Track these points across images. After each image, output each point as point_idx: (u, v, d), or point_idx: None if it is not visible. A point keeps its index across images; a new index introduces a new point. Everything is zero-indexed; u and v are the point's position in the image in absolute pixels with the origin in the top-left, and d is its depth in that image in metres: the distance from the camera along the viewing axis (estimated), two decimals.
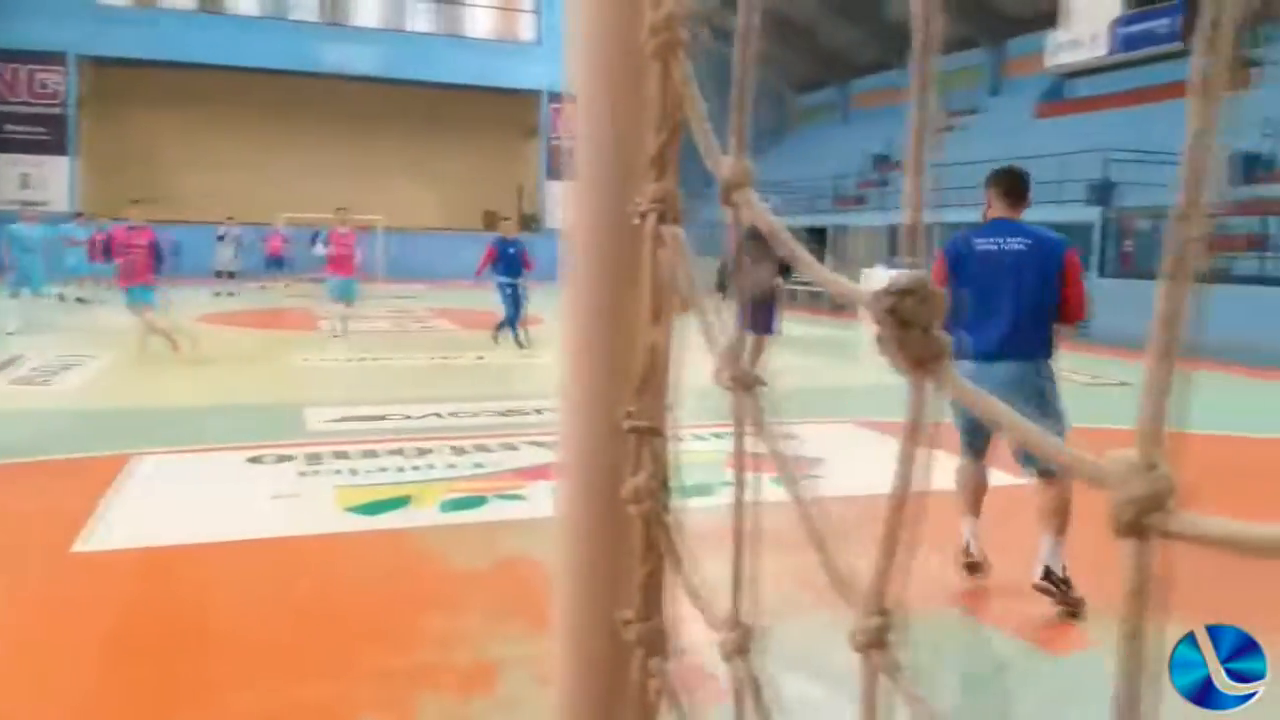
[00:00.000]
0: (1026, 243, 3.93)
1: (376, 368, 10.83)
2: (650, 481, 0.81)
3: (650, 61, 0.80)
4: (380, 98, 33.01)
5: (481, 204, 35.86)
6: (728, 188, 0.69)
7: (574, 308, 0.88)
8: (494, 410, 7.99)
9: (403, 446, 6.47)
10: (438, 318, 17.59)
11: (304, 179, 32.44)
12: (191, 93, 31.85)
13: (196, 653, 3.43)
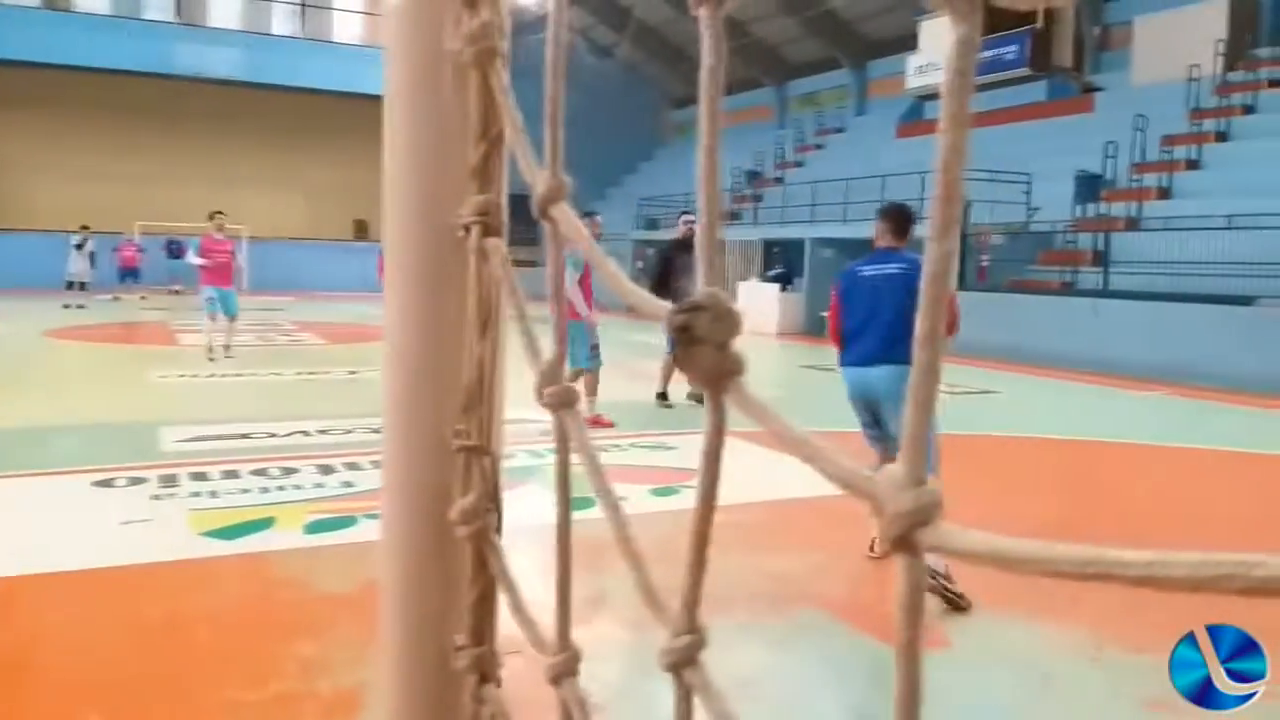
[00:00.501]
0: (902, 267, 4.49)
1: (239, 384, 10.37)
2: (479, 502, 0.79)
3: (468, 71, 0.79)
4: (241, 102, 31.70)
5: (352, 213, 34.92)
6: (543, 202, 0.68)
7: (395, 322, 0.86)
8: (367, 427, 7.77)
9: (266, 466, 6.21)
10: (305, 331, 17.01)
11: (159, 186, 30.87)
12: (35, 94, 29.82)
13: (28, 692, 3.19)
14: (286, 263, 29.62)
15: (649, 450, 7.21)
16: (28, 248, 25.01)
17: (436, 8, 0.79)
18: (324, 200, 33.98)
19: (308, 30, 31.98)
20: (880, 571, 4.71)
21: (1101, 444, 8.40)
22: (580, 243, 0.66)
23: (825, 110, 28.20)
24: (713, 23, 0.50)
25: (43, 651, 3.52)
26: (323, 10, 32.32)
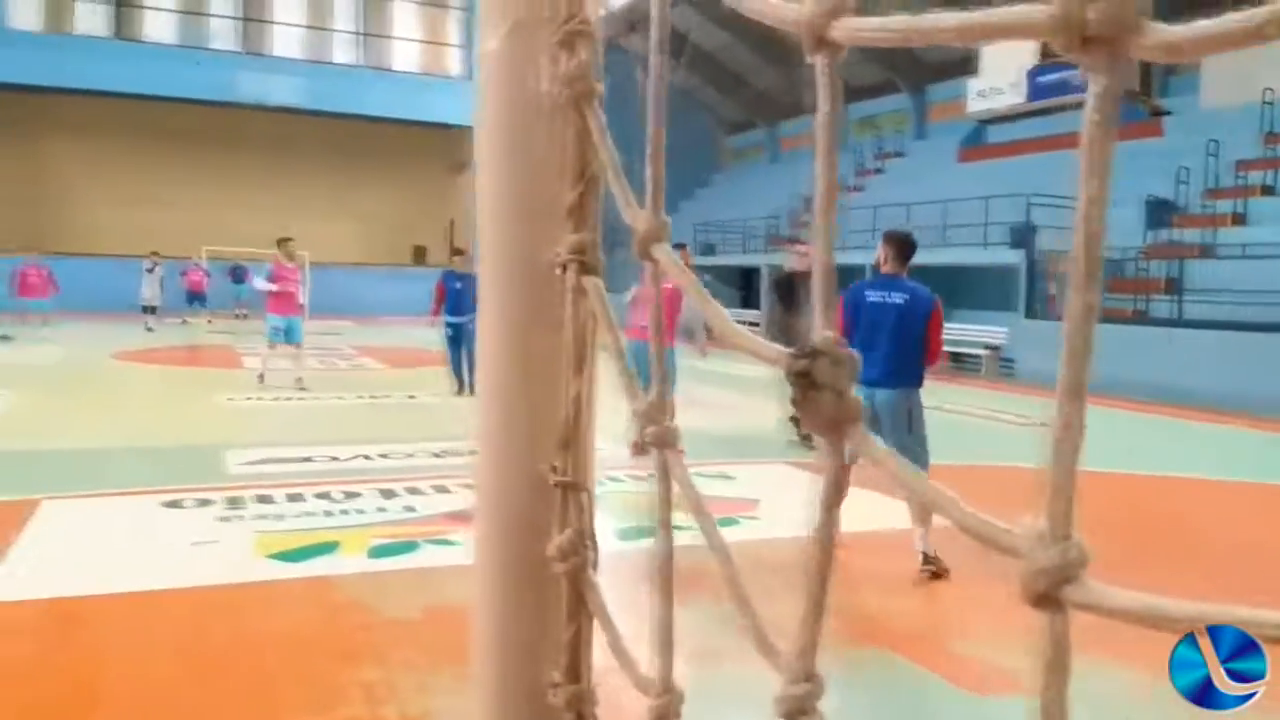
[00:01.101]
0: (905, 297, 4.87)
1: (302, 407, 10.58)
2: (576, 538, 0.80)
3: (564, 111, 0.80)
4: (302, 129, 32.54)
5: (411, 239, 35.58)
6: (645, 242, 0.69)
7: (490, 357, 0.87)
8: (426, 451, 7.87)
9: (329, 489, 6.32)
10: (365, 355, 17.31)
11: (223, 212, 31.78)
12: (105, 122, 31.00)
13: (104, 712, 3.27)
14: (346, 288, 30.23)
15: (710, 480, 7.16)
16: (96, 272, 25.85)
17: (531, 50, 0.81)
18: (382, 226, 34.66)
19: (367, 59, 32.77)
20: (940, 606, 4.62)
21: (1173, 479, 8.15)
22: (684, 282, 0.67)
23: (884, 134, 28.04)
24: (829, 69, 0.51)
25: (114, 671, 3.61)
26: (382, 39, 33.10)
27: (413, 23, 33.58)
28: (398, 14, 33.21)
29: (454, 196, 36.08)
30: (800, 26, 0.49)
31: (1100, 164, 0.38)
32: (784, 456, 7.79)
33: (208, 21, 30.96)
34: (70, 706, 3.32)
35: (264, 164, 32.88)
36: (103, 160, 31.64)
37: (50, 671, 3.56)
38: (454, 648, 3.80)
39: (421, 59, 33.76)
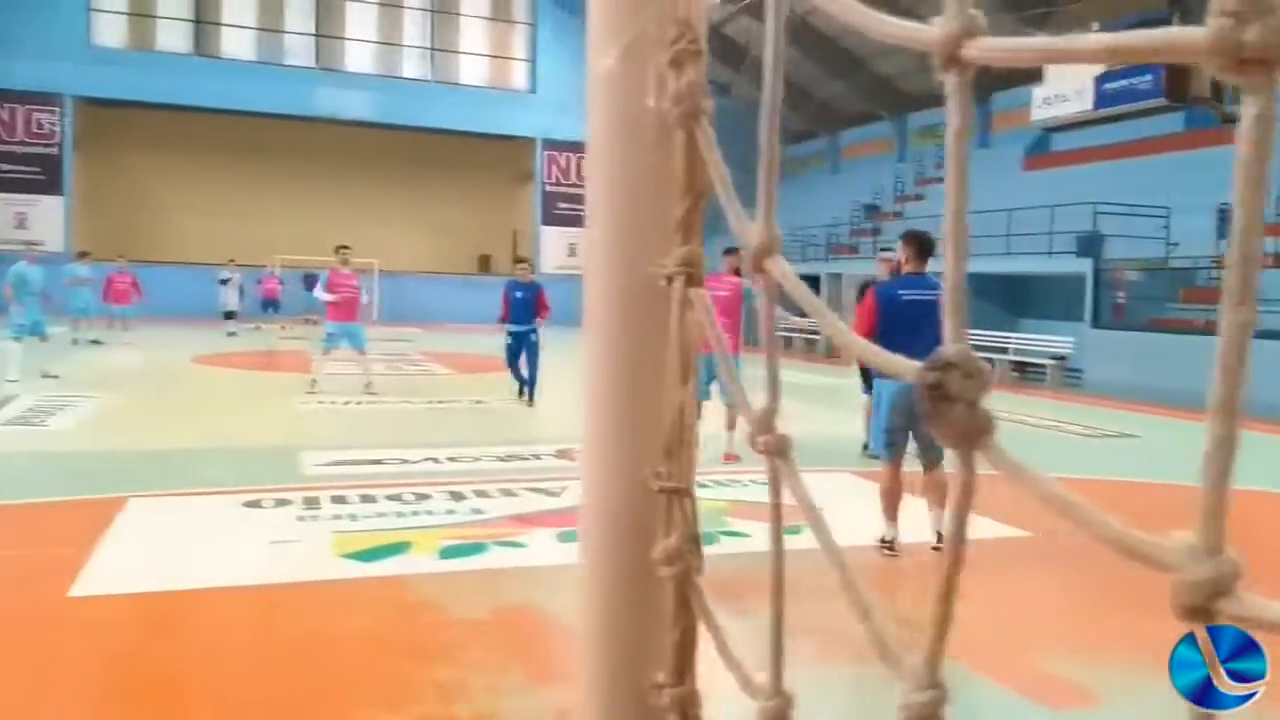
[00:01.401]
0: (936, 294, 5.13)
1: (372, 411, 10.80)
2: (682, 543, 0.82)
3: (673, 128, 0.82)
4: (373, 142, 33.36)
5: (477, 248, 36.12)
6: (758, 255, 0.71)
7: (596, 367, 0.90)
8: (492, 455, 7.98)
9: (400, 491, 6.44)
10: (433, 361, 17.59)
11: (298, 222, 32.68)
12: (186, 135, 32.14)
13: (190, 703, 3.38)
14: (415, 295, 30.82)
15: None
16: (177, 279, 26.74)
17: (641, 71, 0.83)
18: (449, 235, 35.27)
19: (436, 74, 33.38)
20: (1014, 620, 4.53)
21: (1253, 493, 7.87)
22: (798, 294, 0.68)
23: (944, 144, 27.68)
24: (960, 86, 0.52)
25: (200, 665, 3.73)
26: (450, 54, 33.69)
27: (480, 38, 34.12)
28: (465, 29, 33.78)
29: (518, 207, 36.55)
30: (933, 46, 0.50)
31: (1254, 185, 0.38)
32: (847, 465, 7.73)
33: (284, 38, 31.87)
34: (158, 697, 3.44)
35: (337, 176, 33.76)
36: (184, 172, 32.79)
37: (139, 663, 3.70)
38: (522, 649, 3.87)
39: (488, 73, 34.28)
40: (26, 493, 6.25)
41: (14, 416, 9.36)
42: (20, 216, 28.55)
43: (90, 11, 29.65)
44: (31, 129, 28.93)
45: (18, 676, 3.53)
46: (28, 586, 4.45)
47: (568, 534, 5.63)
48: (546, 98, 34.02)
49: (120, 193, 31.91)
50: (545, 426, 10.10)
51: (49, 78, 28.38)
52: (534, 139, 33.97)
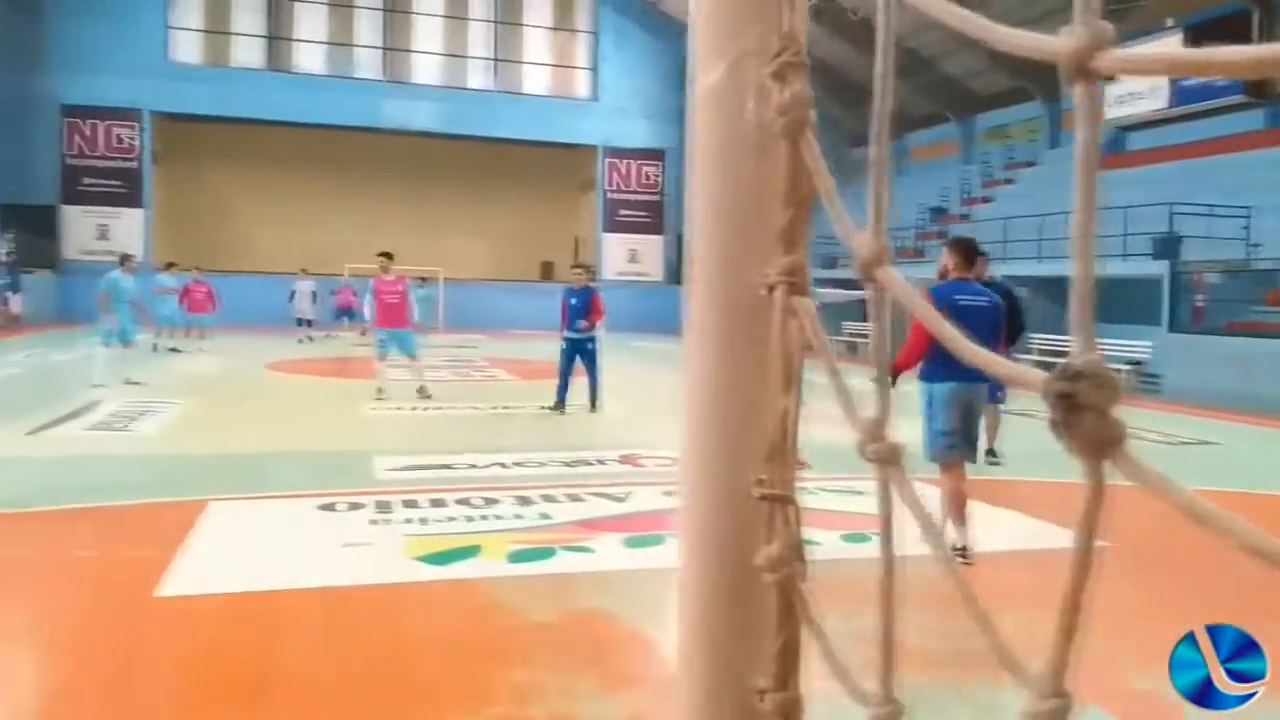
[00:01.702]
0: (989, 299, 5.71)
1: (440, 417, 10.97)
2: (786, 550, 0.83)
3: (776, 139, 0.83)
4: (439, 152, 33.95)
5: (539, 255, 36.47)
6: (869, 265, 0.71)
7: (696, 374, 0.91)
8: (558, 461, 8.05)
9: (469, 496, 6.54)
10: (497, 367, 17.80)
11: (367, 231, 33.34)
12: (259, 148, 33.12)
13: (274, 702, 3.48)
14: (479, 303, 31.25)
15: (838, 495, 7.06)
16: (251, 288, 27.48)
17: (742, 85, 0.85)
18: (513, 243, 35.68)
19: (500, 83, 33.83)
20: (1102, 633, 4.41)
21: None
22: (910, 302, 0.69)
23: (1015, 143, 27.08)
24: (1089, 97, 0.52)
25: (278, 665, 3.83)
26: (514, 64, 34.12)
27: (542, 47, 34.49)
28: (528, 39, 34.20)
29: (580, 214, 36.81)
30: (1061, 58, 0.50)
31: None
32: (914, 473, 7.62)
33: (353, 52, 32.64)
34: (241, 695, 3.54)
35: (404, 185, 34.46)
36: (258, 183, 33.79)
37: (225, 662, 3.82)
38: (594, 653, 3.89)
39: (551, 82, 34.64)
40: (113, 496, 6.49)
41: (99, 421, 9.72)
42: (102, 228, 29.67)
43: (169, 29, 30.72)
44: (113, 144, 30.05)
45: (111, 673, 3.67)
46: (117, 587, 4.62)
47: (634, 539, 5.66)
48: (608, 105, 34.24)
49: (197, 204, 32.99)
50: (610, 432, 10.15)
51: (130, 94, 29.48)
52: (596, 146, 34.21)
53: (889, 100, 0.69)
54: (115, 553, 5.19)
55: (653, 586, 5.04)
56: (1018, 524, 6.11)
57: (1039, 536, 5.77)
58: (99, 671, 3.68)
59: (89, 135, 29.84)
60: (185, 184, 32.70)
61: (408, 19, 33.05)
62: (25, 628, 4.22)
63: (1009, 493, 7.04)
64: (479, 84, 33.71)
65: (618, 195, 34.67)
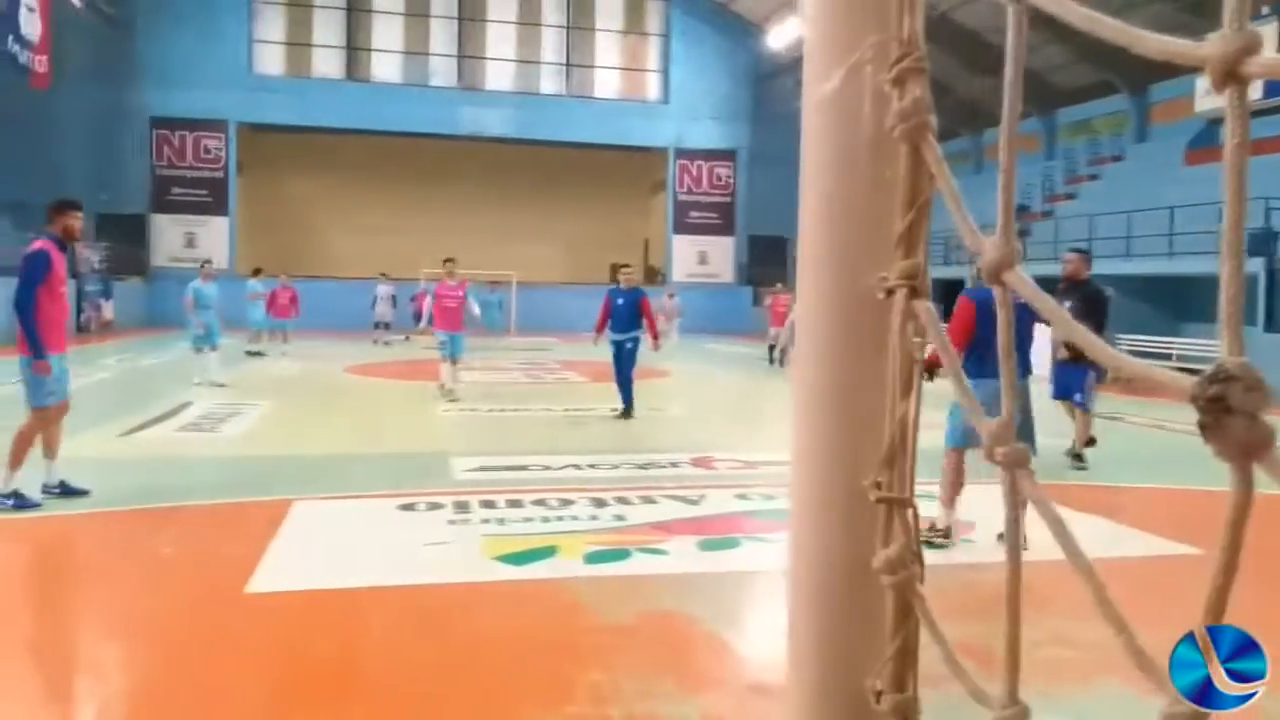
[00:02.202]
0: (1020, 299, 6.24)
1: (514, 419, 11.12)
2: (904, 552, 0.83)
3: (894, 144, 0.84)
4: (512, 157, 34.43)
5: (609, 257, 36.65)
6: (996, 268, 0.71)
7: (808, 378, 0.92)
8: (631, 463, 8.09)
9: (545, 497, 6.62)
10: (568, 369, 17.96)
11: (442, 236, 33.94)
12: (338, 156, 34.00)
13: (360, 696, 3.57)
14: (550, 306, 31.56)
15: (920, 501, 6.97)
16: (330, 293, 28.23)
17: (858, 90, 0.86)
18: (583, 246, 35.98)
19: (571, 88, 34.15)
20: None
21: None
22: (1040, 304, 0.69)
23: (1100, 138, 26.33)
24: (1239, 102, 0.52)
25: (363, 660, 3.94)
26: (585, 69, 34.40)
27: (613, 51, 34.72)
28: (599, 43, 34.45)
29: (650, 216, 36.93)
30: (1210, 63, 0.50)
31: None
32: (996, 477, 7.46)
33: (428, 60, 33.30)
34: (328, 688, 3.65)
35: (478, 191, 35.04)
36: (336, 191, 34.71)
37: (312, 657, 3.94)
38: (671, 655, 3.91)
39: (621, 85, 34.84)
40: (203, 495, 6.73)
41: (188, 423, 10.09)
42: (190, 236, 30.80)
43: (252, 43, 31.74)
44: (200, 154, 31.18)
45: (207, 665, 3.81)
46: (210, 582, 4.79)
47: (709, 542, 5.66)
48: (679, 107, 34.29)
49: (278, 212, 34.03)
50: (682, 434, 10.16)
51: (215, 105, 30.56)
52: (666, 148, 34.30)
53: (1018, 107, 0.70)
54: (207, 550, 5.38)
55: (728, 590, 5.05)
56: (1106, 530, 5.95)
57: (1124, 542, 5.62)
58: (196, 662, 3.82)
59: (177, 146, 31.01)
60: (267, 192, 33.77)
61: (481, 27, 33.60)
62: (125, 621, 4.40)
63: (1095, 498, 6.85)
64: (551, 89, 34.09)
65: (688, 197, 34.70)
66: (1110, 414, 12.02)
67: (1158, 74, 24.20)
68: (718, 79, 34.14)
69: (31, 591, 5.09)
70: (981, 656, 0.86)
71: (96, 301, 25.81)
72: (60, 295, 6.18)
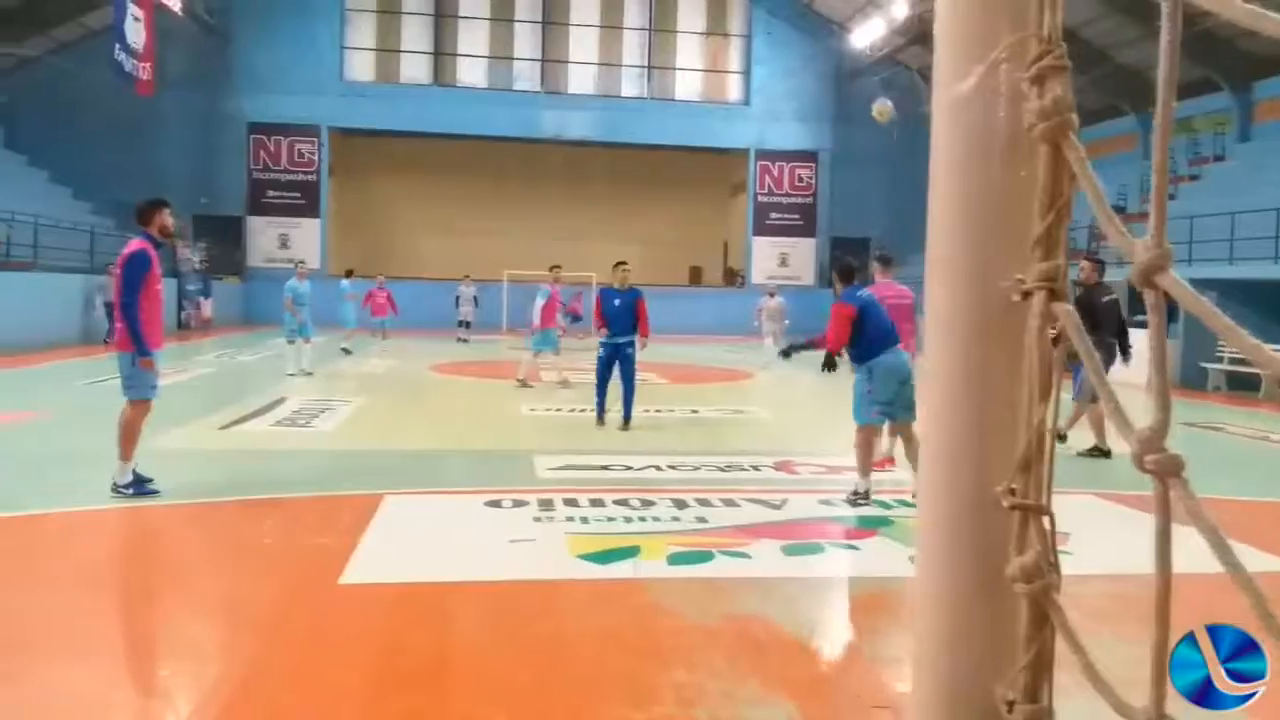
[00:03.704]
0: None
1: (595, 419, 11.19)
2: (1040, 560, 0.81)
3: (1031, 144, 0.82)
4: (593, 160, 34.71)
5: (688, 259, 36.68)
6: (1147, 270, 0.69)
7: (939, 381, 0.90)
8: (712, 465, 8.08)
9: (627, 497, 6.65)
10: (648, 370, 17.97)
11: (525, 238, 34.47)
12: (425, 159, 34.76)
13: (452, 688, 3.65)
14: None
15: None
16: (417, 293, 28.84)
17: (994, 90, 0.84)
18: (662, 247, 36.04)
19: (653, 90, 34.25)
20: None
21: None
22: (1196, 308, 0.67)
23: (1200, 137, 25.24)
24: None
25: (456, 653, 4.01)
26: (667, 71, 34.47)
27: (694, 53, 34.71)
28: (681, 45, 34.49)
29: (730, 218, 36.79)
30: None
31: None
32: (1088, 485, 7.23)
33: (513, 65, 33.80)
34: (419, 679, 3.72)
35: (560, 193, 35.44)
36: (423, 193, 35.52)
37: (403, 648, 4.03)
38: (755, 659, 3.89)
39: (702, 87, 34.81)
40: (299, 488, 6.95)
41: (283, 418, 10.43)
42: (283, 237, 31.83)
43: (344, 50, 32.66)
44: (294, 158, 32.21)
45: (303, 653, 3.94)
46: (305, 573, 4.95)
47: (792, 547, 5.61)
48: (760, 108, 34.10)
49: (368, 214, 34.94)
50: (763, 438, 10.10)
51: (308, 111, 31.55)
52: (747, 150, 34.13)
53: (1171, 105, 0.68)
54: (302, 541, 5.55)
55: (812, 595, 5.00)
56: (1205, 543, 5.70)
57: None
58: (293, 651, 3.95)
59: (272, 151, 32.09)
60: (357, 195, 34.71)
61: (564, 30, 33.95)
62: (228, 609, 4.57)
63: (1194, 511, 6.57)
64: (632, 92, 34.26)
65: (768, 198, 34.48)
66: (1209, 423, 11.53)
67: (1262, 70, 23.13)
68: (800, 79, 33.83)
69: (139, 578, 5.33)
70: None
71: (196, 300, 26.87)
72: (157, 293, 6.40)
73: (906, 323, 7.93)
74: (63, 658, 3.80)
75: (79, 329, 20.53)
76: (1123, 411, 0.73)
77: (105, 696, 3.54)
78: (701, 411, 11.92)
